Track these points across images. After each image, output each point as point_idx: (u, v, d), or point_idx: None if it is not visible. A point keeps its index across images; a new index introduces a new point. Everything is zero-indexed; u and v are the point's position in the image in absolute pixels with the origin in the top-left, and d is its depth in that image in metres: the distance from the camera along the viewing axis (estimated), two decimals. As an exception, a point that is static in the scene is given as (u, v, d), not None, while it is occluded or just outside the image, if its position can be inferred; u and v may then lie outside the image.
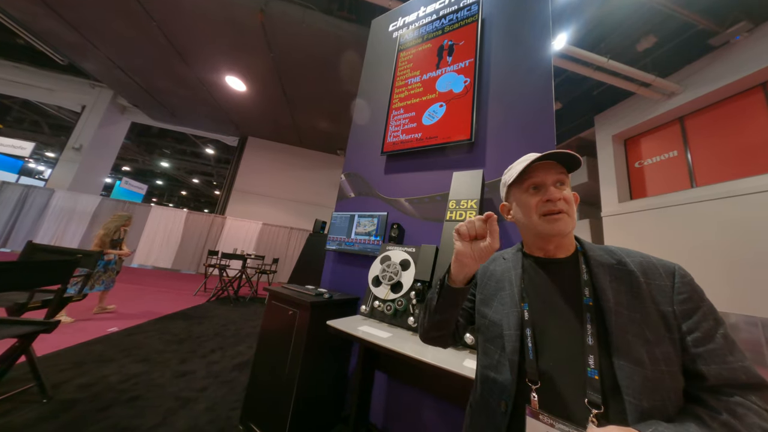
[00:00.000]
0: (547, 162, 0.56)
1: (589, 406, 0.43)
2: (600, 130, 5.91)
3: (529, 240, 0.61)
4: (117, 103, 7.96)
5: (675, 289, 0.46)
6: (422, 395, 1.31)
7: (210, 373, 1.92)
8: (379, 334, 1.05)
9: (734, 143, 4.01)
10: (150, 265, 6.64)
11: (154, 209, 6.96)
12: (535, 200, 0.55)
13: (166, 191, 18.43)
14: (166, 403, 1.52)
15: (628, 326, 0.45)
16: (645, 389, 0.41)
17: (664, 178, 4.88)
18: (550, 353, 0.50)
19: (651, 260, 0.50)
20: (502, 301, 0.59)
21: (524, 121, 1.47)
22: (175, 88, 6.45)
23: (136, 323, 2.73)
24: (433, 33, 1.98)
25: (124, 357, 1.98)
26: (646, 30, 3.89)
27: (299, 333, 1.29)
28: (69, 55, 5.85)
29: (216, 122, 8.04)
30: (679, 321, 0.44)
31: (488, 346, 0.58)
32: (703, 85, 4.20)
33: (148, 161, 12.52)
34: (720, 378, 0.40)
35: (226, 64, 5.31)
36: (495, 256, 0.70)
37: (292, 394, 1.22)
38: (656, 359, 0.42)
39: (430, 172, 1.72)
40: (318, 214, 8.07)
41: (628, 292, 0.48)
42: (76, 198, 6.56)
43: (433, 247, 1.25)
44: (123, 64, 5.81)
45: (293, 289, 1.51)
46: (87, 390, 1.53)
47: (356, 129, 2.24)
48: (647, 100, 4.88)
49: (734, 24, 3.62)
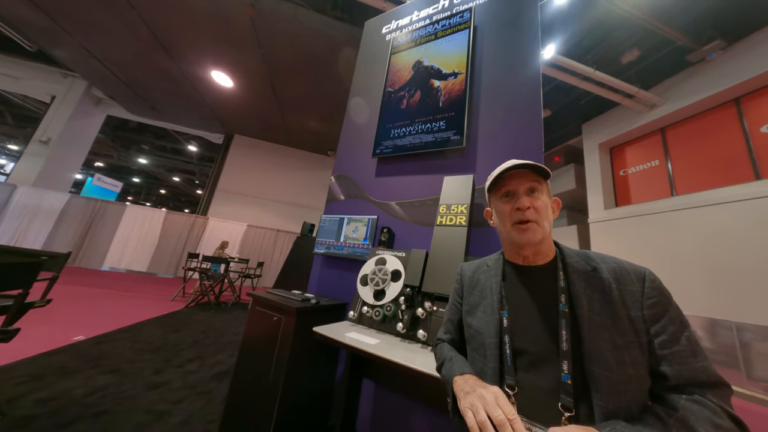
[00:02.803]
0: (521, 170, 0.59)
1: (561, 410, 0.47)
2: (587, 138, 6.19)
3: (507, 246, 0.65)
4: (91, 94, 7.61)
5: (644, 293, 0.50)
6: (411, 403, 1.31)
7: (186, 384, 1.84)
8: (367, 340, 1.05)
9: (711, 154, 4.30)
10: (123, 269, 6.34)
11: (129, 208, 6.67)
12: (507, 208, 0.59)
13: (144, 189, 17.69)
14: (136, 417, 1.44)
15: (600, 332, 0.48)
16: (612, 392, 0.44)
17: (646, 186, 5.16)
18: (527, 359, 0.53)
19: (624, 266, 0.54)
20: (485, 309, 0.62)
21: (514, 127, 1.52)
22: (157, 81, 6.24)
23: (104, 331, 2.59)
24: (426, 38, 2.03)
25: (90, 368, 1.87)
26: (630, 43, 4.13)
27: (284, 340, 1.26)
28: (39, 42, 5.56)
29: (200, 118, 7.84)
30: (647, 324, 0.48)
31: (474, 355, 0.61)
32: (682, 98, 4.50)
33: (125, 157, 12.00)
34: (681, 378, 0.44)
35: (212, 59, 5.21)
36: (479, 263, 0.73)
37: (275, 404, 1.19)
38: (624, 363, 0.45)
39: (421, 176, 1.74)
40: (306, 216, 7.97)
41: (600, 299, 0.51)
42: (42, 195, 6.19)
43: (423, 251, 1.26)
44: (99, 54, 5.58)
45: (278, 294, 1.48)
46: (47, 405, 1.43)
47: (347, 130, 2.24)
48: (631, 111, 5.17)
49: (709, 42, 3.91)
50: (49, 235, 6.03)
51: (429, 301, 1.13)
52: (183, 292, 4.46)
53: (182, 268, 4.51)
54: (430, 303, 1.12)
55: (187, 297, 4.36)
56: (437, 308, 1.11)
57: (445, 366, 0.60)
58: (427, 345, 1.07)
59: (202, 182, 13.64)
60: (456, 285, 0.75)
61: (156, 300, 4.11)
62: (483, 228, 1.41)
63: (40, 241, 5.96)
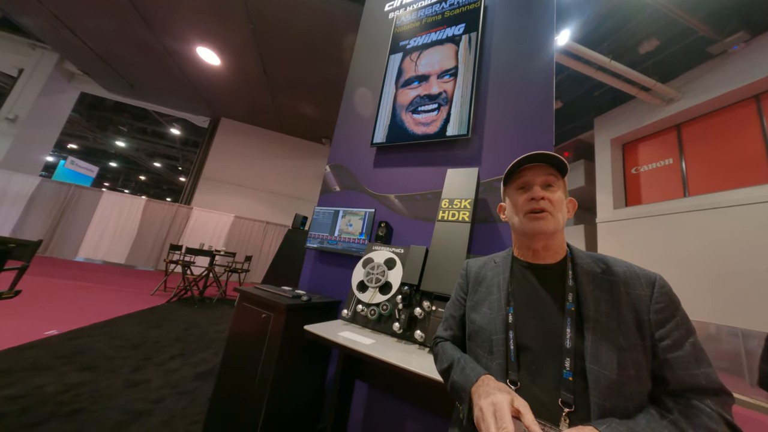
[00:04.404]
0: (539, 164, 0.62)
1: (562, 406, 0.50)
2: (599, 132, 6.20)
3: (517, 240, 0.68)
4: (63, 68, 7.37)
5: (653, 298, 0.52)
6: (406, 406, 1.33)
7: (168, 383, 1.85)
8: (361, 340, 1.05)
9: (726, 154, 4.34)
10: (99, 260, 6.27)
11: (105, 195, 6.56)
12: (521, 199, 0.62)
13: (122, 175, 17.38)
14: (114, 416, 1.44)
15: (604, 333, 0.51)
16: (609, 391, 0.47)
17: (658, 185, 5.21)
18: (530, 355, 0.56)
19: (634, 270, 0.56)
20: (491, 306, 0.64)
21: (523, 118, 1.52)
22: (136, 56, 6.06)
23: (80, 325, 2.57)
24: (432, 16, 1.99)
25: (63, 364, 1.86)
26: (650, 32, 4.10)
27: (273, 338, 1.27)
28: (3, 7, 5.34)
29: (184, 99, 7.66)
30: (653, 329, 0.50)
31: (478, 351, 0.63)
32: (700, 94, 4.51)
33: (101, 139, 11.73)
34: (682, 383, 0.47)
35: (197, 34, 5.06)
36: (486, 259, 0.76)
37: (263, 405, 1.20)
38: (626, 364, 0.48)
39: (423, 168, 1.73)
40: (298, 208, 7.93)
41: (608, 301, 0.54)
42: (9, 177, 6.04)
43: (423, 248, 1.26)
44: (72, 24, 5.38)
45: (268, 290, 1.48)
46: (16, 403, 1.42)
47: (344, 116, 2.21)
48: (646, 105, 5.17)
49: (733, 33, 3.90)
50: (17, 222, 5.91)
51: (428, 300, 1.14)
52: (164, 286, 4.43)
53: (164, 261, 4.47)
54: (429, 302, 1.13)
55: (168, 291, 4.34)
56: (436, 308, 1.11)
57: (455, 370, 0.59)
58: (424, 346, 1.08)
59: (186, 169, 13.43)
60: (461, 280, 0.77)
61: (135, 294, 4.08)
62: (487, 224, 1.41)
63: (7, 228, 5.84)
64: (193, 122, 9.00)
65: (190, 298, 4.17)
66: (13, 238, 1.80)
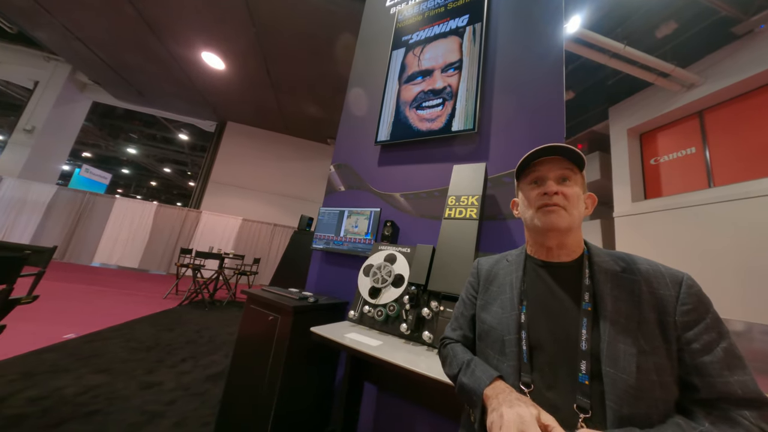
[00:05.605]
0: (554, 157, 0.59)
1: (577, 411, 0.47)
2: (614, 123, 5.99)
3: (531, 237, 0.65)
4: (75, 79, 7.68)
5: (679, 299, 0.49)
6: (415, 408, 1.32)
7: (180, 385, 1.90)
8: (369, 342, 1.05)
9: (755, 140, 4.13)
10: (114, 265, 6.50)
11: (118, 201, 6.80)
12: (534, 193, 0.59)
13: (134, 181, 17.99)
14: (129, 417, 1.49)
15: (622, 335, 0.48)
16: (627, 396, 0.44)
17: (680, 176, 4.97)
18: (544, 357, 0.54)
19: (659, 268, 0.53)
20: (502, 305, 0.62)
21: (532, 110, 1.48)
22: (144, 64, 6.25)
23: (96, 329, 2.67)
24: (435, 9, 1.96)
25: (81, 366, 1.94)
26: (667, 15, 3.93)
27: (280, 341, 1.28)
28: (19, 22, 5.60)
29: (190, 104, 7.85)
30: (678, 332, 0.47)
31: (488, 351, 0.61)
32: (725, 77, 4.28)
33: (113, 147, 12.17)
34: (713, 391, 0.43)
35: (202, 39, 5.17)
36: (498, 258, 0.74)
37: (272, 407, 1.22)
38: (647, 369, 0.45)
39: (429, 165, 1.72)
40: (304, 209, 8.00)
41: (628, 300, 0.51)
42: (28, 186, 6.34)
43: (430, 247, 1.25)
44: (82, 35, 5.60)
45: (275, 292, 1.50)
46: (38, 404, 1.49)
47: (347, 115, 2.21)
48: (665, 92, 4.95)
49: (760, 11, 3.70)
50: (36, 229, 6.21)
51: (435, 300, 1.13)
52: (176, 290, 4.56)
53: (175, 264, 4.60)
54: (437, 303, 1.11)
55: (180, 294, 4.46)
56: (444, 308, 1.10)
57: (466, 373, 0.58)
58: (432, 347, 1.06)
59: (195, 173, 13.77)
60: (471, 279, 0.75)
61: (148, 297, 4.22)
62: (495, 222, 1.39)
63: (27, 235, 6.13)
64: (200, 127, 9.22)
65: (201, 301, 4.27)
66: (29, 245, 1.88)
